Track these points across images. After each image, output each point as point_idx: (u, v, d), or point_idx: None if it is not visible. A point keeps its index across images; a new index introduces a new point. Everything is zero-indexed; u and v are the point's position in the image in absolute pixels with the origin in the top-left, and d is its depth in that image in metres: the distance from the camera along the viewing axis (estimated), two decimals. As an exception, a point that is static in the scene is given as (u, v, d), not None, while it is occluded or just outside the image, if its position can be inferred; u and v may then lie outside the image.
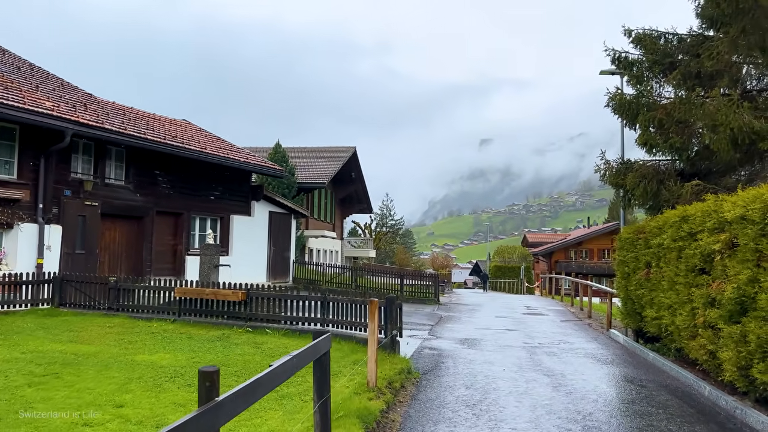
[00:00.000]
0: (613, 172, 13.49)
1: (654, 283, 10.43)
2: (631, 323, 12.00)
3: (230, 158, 17.29)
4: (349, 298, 9.51)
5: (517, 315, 17.93)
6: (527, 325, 15.22)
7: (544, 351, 11.06)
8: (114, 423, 5.11)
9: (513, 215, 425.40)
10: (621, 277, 12.43)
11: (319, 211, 36.42)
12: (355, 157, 38.82)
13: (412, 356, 9.77)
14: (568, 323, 15.86)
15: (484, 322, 15.86)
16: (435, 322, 15.30)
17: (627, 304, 12.01)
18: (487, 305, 21.78)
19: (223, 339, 9.31)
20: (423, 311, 17.89)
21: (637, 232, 11.75)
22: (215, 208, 18.04)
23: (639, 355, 10.92)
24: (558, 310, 19.83)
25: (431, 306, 19.69)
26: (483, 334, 13.12)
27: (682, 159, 11.86)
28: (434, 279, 21.38)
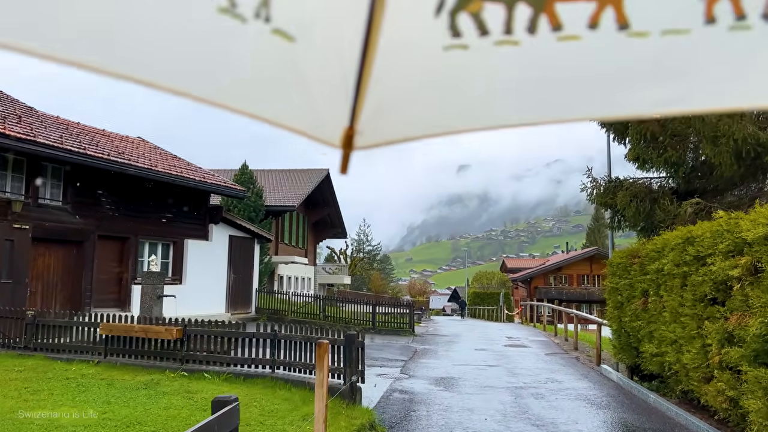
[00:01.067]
0: (601, 191, 12.36)
1: (653, 314, 9.19)
2: (625, 358, 10.72)
3: (183, 177, 15.81)
4: (303, 336, 8.05)
5: (498, 347, 16.56)
6: (510, 359, 13.85)
7: (530, 393, 9.69)
8: None
9: (491, 241, 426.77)
10: (613, 306, 11.19)
11: (290, 235, 34.87)
12: (329, 179, 37.50)
13: (379, 403, 8.32)
14: (554, 357, 14.54)
15: (463, 356, 14.45)
16: (409, 357, 13.86)
17: (621, 337, 10.75)
18: (466, 336, 20.38)
19: (151, 386, 7.76)
20: (396, 344, 16.43)
21: (631, 256, 10.56)
22: (167, 232, 16.48)
23: (637, 396, 9.61)
24: (541, 341, 18.52)
25: (406, 338, 18.24)
26: (461, 372, 11.71)
27: (678, 175, 10.77)
28: (409, 307, 19.96)
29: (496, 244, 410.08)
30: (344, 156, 0.99)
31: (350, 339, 7.08)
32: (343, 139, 0.97)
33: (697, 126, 9.77)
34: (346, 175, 1.02)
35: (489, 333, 21.88)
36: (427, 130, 1.00)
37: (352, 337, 7.09)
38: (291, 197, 30.76)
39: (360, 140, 0.98)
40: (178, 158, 18.80)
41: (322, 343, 5.08)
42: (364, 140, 0.98)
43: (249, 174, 28.25)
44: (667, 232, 9.45)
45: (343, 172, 1.01)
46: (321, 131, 0.98)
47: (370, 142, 0.99)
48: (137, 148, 17.50)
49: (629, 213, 11.32)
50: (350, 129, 0.96)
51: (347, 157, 0.99)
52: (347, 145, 0.97)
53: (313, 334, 8.02)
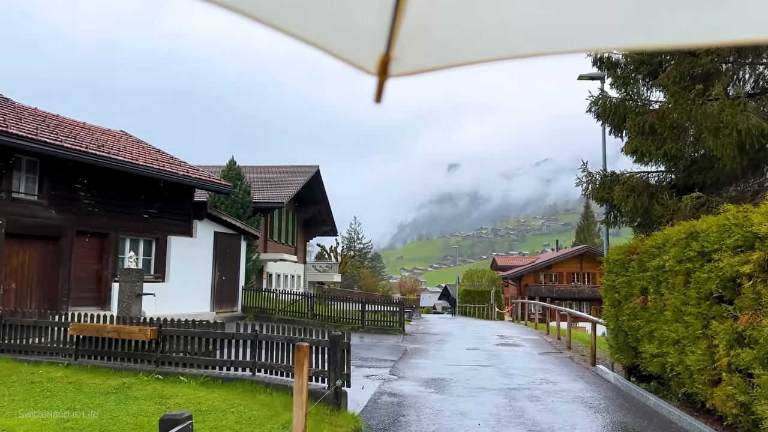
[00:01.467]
0: (596, 186, 11.96)
1: (653, 312, 8.80)
2: (623, 359, 10.34)
3: (165, 171, 15.24)
4: (286, 337, 7.55)
5: (490, 346, 16.16)
6: (502, 359, 13.44)
7: (525, 395, 9.27)
8: None
9: (481, 239, 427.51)
10: (610, 304, 10.80)
11: (279, 233, 34.33)
12: (318, 176, 36.99)
13: (366, 407, 7.86)
14: (548, 356, 14.15)
15: (454, 355, 14.03)
16: (399, 356, 13.41)
17: (618, 337, 10.36)
18: (457, 335, 19.98)
19: (122, 390, 7.25)
20: (386, 343, 15.98)
21: (629, 252, 10.17)
22: (150, 228, 15.91)
23: (636, 398, 9.21)
24: (534, 340, 18.14)
25: (396, 336, 17.80)
26: (453, 373, 11.28)
27: (678, 169, 10.37)
28: (400, 306, 19.51)
29: (486, 242, 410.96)
30: (379, 84, 0.96)
31: (335, 340, 6.61)
32: (379, 66, 0.94)
33: (699, 117, 9.38)
34: (380, 104, 0.99)
35: (480, 331, 21.49)
36: (466, 57, 0.98)
37: (337, 338, 6.62)
38: (280, 194, 30.23)
39: (396, 67, 0.95)
40: (161, 152, 18.23)
41: (301, 346, 4.62)
42: (400, 67, 0.95)
43: (236, 170, 27.70)
44: (667, 227, 9.07)
45: (378, 101, 0.98)
46: (356, 54, 0.96)
47: (406, 70, 0.97)
48: (119, 142, 16.91)
49: (626, 208, 10.92)
50: (386, 55, 0.93)
51: (382, 85, 0.96)
52: (383, 72, 0.95)
53: (296, 335, 7.54)
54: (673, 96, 9.90)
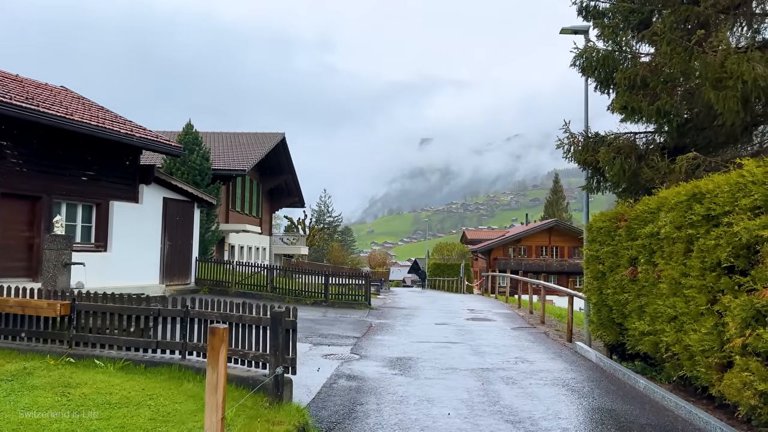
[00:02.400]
0: (579, 148, 10.92)
1: (644, 285, 7.86)
2: (606, 336, 9.43)
3: (104, 128, 13.64)
4: (222, 314, 6.33)
5: (460, 321, 15.23)
6: (474, 335, 12.50)
7: (499, 376, 8.29)
8: None
9: (451, 214, 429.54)
10: (592, 276, 9.86)
11: (242, 203, 32.80)
12: (284, 144, 35.40)
13: (318, 395, 6.75)
14: (521, 332, 13.26)
15: (422, 331, 13.04)
16: (362, 333, 12.35)
17: (601, 312, 9.44)
18: (426, 308, 19.04)
19: (19, 377, 5.97)
20: (349, 318, 14.91)
21: (616, 219, 9.20)
22: (89, 192, 14.37)
23: (622, 381, 8.32)
24: (505, 314, 17.31)
25: (361, 311, 16.74)
26: (420, 351, 10.26)
27: (671, 128, 9.36)
28: (366, 279, 18.42)
29: (456, 217, 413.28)
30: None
31: (276, 318, 5.42)
32: None
33: (698, 67, 8.36)
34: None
35: (450, 305, 20.61)
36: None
37: (279, 316, 5.43)
38: (242, 161, 28.64)
39: None
40: (105, 110, 16.57)
41: (216, 330, 3.44)
42: None
43: (194, 134, 26.01)
44: (662, 190, 8.08)
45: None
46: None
47: None
48: (55, 96, 15.20)
49: (612, 171, 9.91)
50: None
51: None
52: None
53: (234, 311, 6.34)
54: (669, 44, 8.82)
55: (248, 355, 6.01)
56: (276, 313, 5.43)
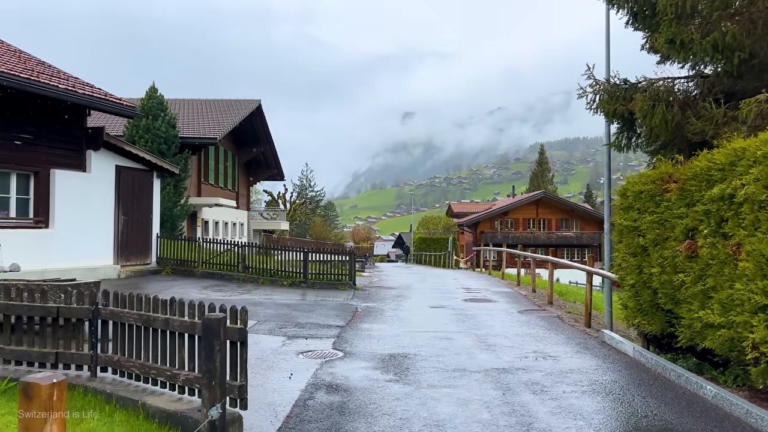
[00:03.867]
0: (605, 97, 9.05)
1: (710, 264, 6.08)
2: (647, 324, 7.68)
3: (36, 81, 11.40)
4: (144, 316, 4.39)
5: (457, 303, 13.47)
6: (477, 321, 10.73)
7: (521, 380, 6.51)
8: None
9: (434, 188, 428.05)
10: (629, 252, 8.06)
11: (216, 175, 30.60)
12: (260, 112, 33.07)
13: (287, 422, 4.89)
14: (531, 316, 11.52)
15: (417, 317, 11.25)
16: (347, 320, 10.52)
17: (641, 295, 7.68)
18: (417, 288, 17.26)
19: None
20: (332, 302, 13.06)
21: (663, 180, 7.37)
22: (24, 159, 12.21)
23: (678, 384, 6.57)
24: (506, 293, 15.59)
25: (345, 292, 14.90)
26: (417, 344, 8.45)
27: (731, 66, 7.48)
28: (350, 255, 16.53)
29: (439, 191, 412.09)
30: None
31: (211, 330, 3.47)
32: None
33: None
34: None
35: (443, 283, 18.86)
36: None
37: (215, 327, 3.48)
38: (213, 129, 26.37)
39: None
40: (46, 65, 14.26)
41: (34, 387, 1.52)
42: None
43: (158, 99, 23.66)
44: (730, 141, 6.26)
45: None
46: None
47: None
48: (-18, 47, 12.90)
49: (654, 122, 8.07)
50: None
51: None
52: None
53: (160, 312, 4.39)
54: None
55: (178, 377, 4.14)
56: (210, 322, 3.49)
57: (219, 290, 13.61)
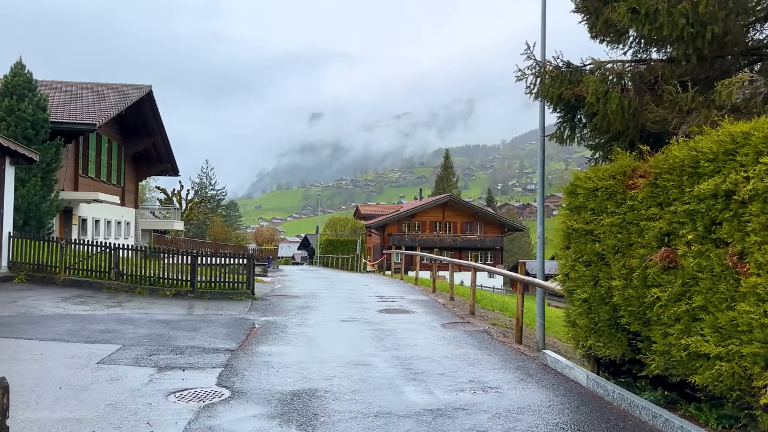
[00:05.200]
0: (547, 80, 7.81)
1: (699, 278, 4.86)
2: (602, 347, 6.42)
3: None
4: None
5: (372, 314, 11.88)
6: (397, 338, 9.17)
7: (465, 429, 4.99)
8: None
9: (341, 189, 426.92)
10: (578, 260, 6.79)
11: (97, 167, 27.18)
12: (151, 99, 29.91)
13: None
14: (456, 331, 10.14)
15: (326, 334, 9.52)
16: (240, 341, 8.60)
17: (597, 313, 6.42)
18: (325, 295, 15.50)
19: None
20: (223, 316, 11.04)
21: (625, 175, 6.15)
22: None
23: (659, 429, 5.31)
24: (423, 302, 14.21)
25: (241, 303, 12.87)
26: (328, 376, 6.73)
27: (702, 43, 6.40)
28: (249, 259, 14.48)
29: (346, 193, 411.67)
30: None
31: None
32: None
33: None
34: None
35: (353, 290, 17.23)
36: None
37: None
38: (93, 115, 23.15)
39: None
40: None
41: None
42: None
43: (26, 77, 20.38)
44: (726, 125, 5.10)
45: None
46: None
47: None
48: None
49: (610, 107, 6.88)
50: None
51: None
52: None
53: None
54: None
55: None
56: None
57: (82, 303, 11.14)
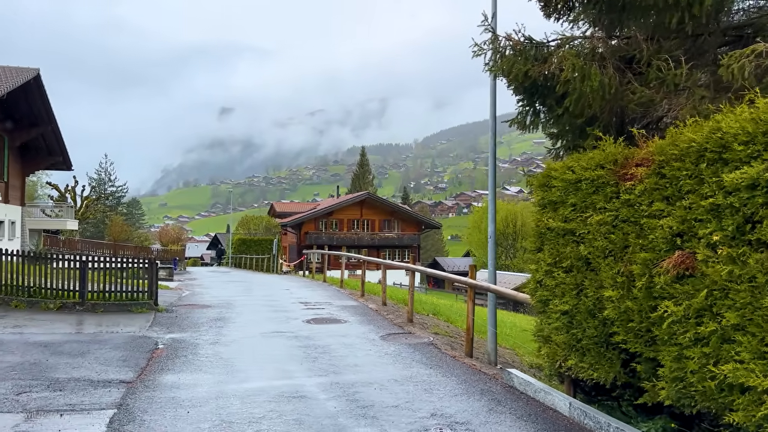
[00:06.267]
0: (510, 54, 6.77)
1: (734, 289, 3.91)
2: (587, 368, 5.40)
3: None
4: None
5: (299, 326, 10.42)
6: (334, 357, 7.81)
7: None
8: None
9: (253, 187, 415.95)
10: (556, 264, 5.75)
11: (-29, 159, 23.64)
12: (39, 85, 26.58)
13: None
14: (398, 344, 8.92)
15: (248, 357, 7.98)
16: (139, 369, 6.91)
17: (582, 327, 5.40)
18: (243, 303, 13.80)
19: None
20: (120, 335, 9.21)
21: (618, 164, 5.16)
22: None
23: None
24: (354, 308, 12.90)
25: (142, 317, 10.99)
26: (254, 418, 5.27)
27: (698, 12, 5.54)
28: (151, 264, 12.56)
29: (258, 191, 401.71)
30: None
31: None
32: None
33: None
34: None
35: (274, 296, 15.61)
36: None
37: None
38: (-36, 97, 19.92)
39: None
40: None
41: None
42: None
43: None
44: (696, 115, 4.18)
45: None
46: None
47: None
48: None
49: (590, 86, 5.90)
50: None
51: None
52: None
53: None
54: None
55: None
56: None
57: (-67, 324, 8.91)
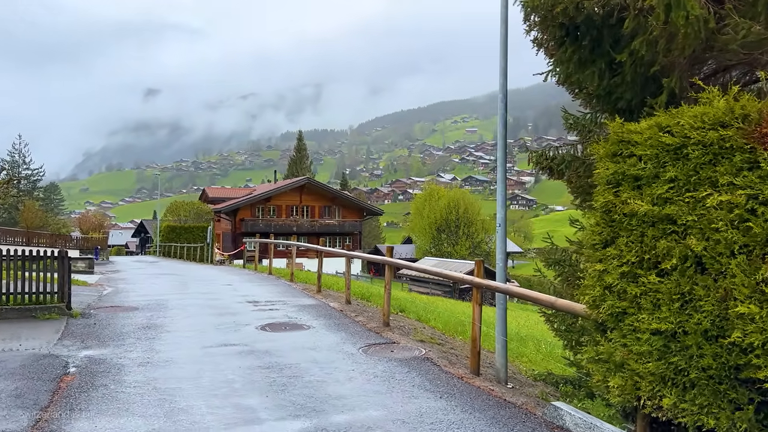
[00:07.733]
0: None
1: None
2: (697, 410, 3.85)
3: None
4: None
5: (253, 334, 8.45)
6: (307, 382, 5.95)
7: None
8: None
9: (181, 172, 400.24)
10: (639, 265, 4.16)
11: None
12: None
13: None
14: (385, 360, 7.14)
15: (192, 383, 5.99)
16: (38, 411, 4.83)
17: (691, 353, 3.83)
18: (179, 304, 11.59)
19: None
20: (16, 354, 6.96)
21: (754, 121, 3.58)
22: None
23: None
24: (314, 308, 11.00)
25: (49, 325, 8.68)
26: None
27: None
28: (62, 257, 10.19)
29: (187, 176, 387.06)
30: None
31: None
32: None
33: None
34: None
35: (215, 292, 13.44)
36: None
37: None
38: None
39: None
40: None
41: None
42: None
43: None
44: None
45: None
46: None
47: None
48: None
49: (678, 20, 4.29)
50: None
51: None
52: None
53: None
54: None
55: None
56: None
57: None
